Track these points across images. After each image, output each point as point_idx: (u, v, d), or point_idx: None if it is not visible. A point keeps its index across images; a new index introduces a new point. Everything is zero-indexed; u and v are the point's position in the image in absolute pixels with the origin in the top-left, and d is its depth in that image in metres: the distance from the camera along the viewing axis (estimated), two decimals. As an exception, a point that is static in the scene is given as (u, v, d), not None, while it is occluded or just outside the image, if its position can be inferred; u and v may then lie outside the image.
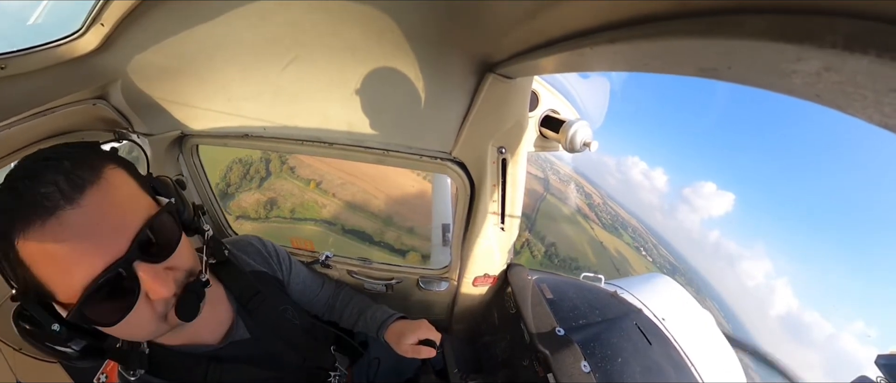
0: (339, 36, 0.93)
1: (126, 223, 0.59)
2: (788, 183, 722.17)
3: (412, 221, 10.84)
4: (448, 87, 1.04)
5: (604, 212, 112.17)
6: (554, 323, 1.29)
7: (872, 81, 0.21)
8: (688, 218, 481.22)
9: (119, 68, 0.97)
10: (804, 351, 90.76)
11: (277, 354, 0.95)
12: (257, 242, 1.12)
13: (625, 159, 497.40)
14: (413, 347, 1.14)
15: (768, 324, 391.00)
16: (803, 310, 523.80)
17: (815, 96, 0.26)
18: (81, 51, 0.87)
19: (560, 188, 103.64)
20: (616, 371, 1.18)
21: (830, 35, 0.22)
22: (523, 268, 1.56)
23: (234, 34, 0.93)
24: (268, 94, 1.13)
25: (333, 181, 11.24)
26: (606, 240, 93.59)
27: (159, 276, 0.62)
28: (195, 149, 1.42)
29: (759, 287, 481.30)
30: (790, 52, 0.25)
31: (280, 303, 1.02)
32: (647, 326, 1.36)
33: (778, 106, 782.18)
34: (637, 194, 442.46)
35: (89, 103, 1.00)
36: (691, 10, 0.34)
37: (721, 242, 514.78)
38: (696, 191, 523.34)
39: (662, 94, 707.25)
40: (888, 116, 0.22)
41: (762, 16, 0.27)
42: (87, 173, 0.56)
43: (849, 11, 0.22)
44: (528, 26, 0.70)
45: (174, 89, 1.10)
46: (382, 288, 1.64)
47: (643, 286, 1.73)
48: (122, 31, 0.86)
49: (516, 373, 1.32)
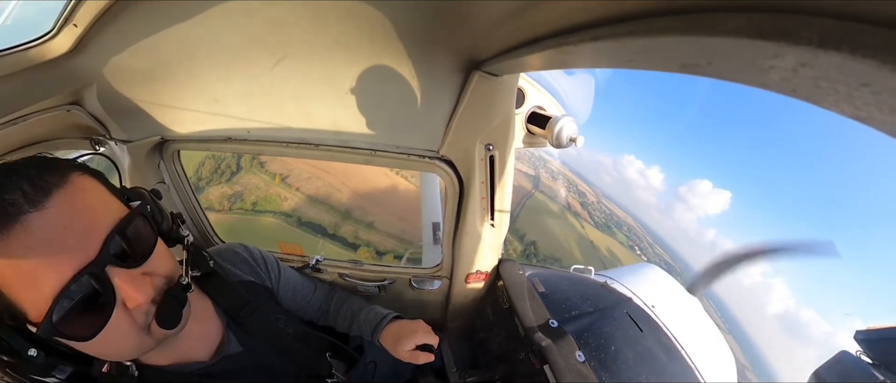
0: (325, 35, 0.91)
1: (96, 226, 0.56)
2: (785, 179, 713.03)
3: (373, 216, 10.82)
4: (435, 86, 1.03)
5: (597, 210, 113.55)
6: (547, 316, 1.32)
7: (844, 76, 0.23)
8: (684, 216, 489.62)
9: (94, 71, 0.93)
10: (802, 349, 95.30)
11: (272, 365, 0.93)
12: (243, 250, 1.10)
13: (621, 158, 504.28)
14: (411, 353, 1.12)
15: (765, 322, 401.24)
16: (800, 308, 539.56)
17: (791, 91, 0.27)
18: (53, 53, 0.82)
19: (551, 186, 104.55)
20: (610, 358, 1.21)
21: (806, 32, 0.23)
22: (515, 263, 1.58)
23: (215, 34, 0.90)
24: (251, 95, 1.10)
25: (300, 175, 11.21)
26: (598, 238, 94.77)
27: (135, 281, 0.58)
28: (176, 155, 1.37)
29: (756, 285, 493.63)
30: (768, 48, 0.26)
31: (271, 313, 1.00)
32: (638, 314, 1.39)
33: (773, 103, 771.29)
34: (633, 193, 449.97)
35: (63, 109, 0.96)
36: (674, 9, 0.35)
37: (717, 241, 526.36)
38: (692, 190, 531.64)
39: (653, 90, 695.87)
40: (859, 109, 0.23)
41: (742, 14, 0.28)
42: (54, 177, 0.54)
43: (823, 11, 0.23)
44: (514, 24, 0.70)
45: (153, 93, 1.06)
46: (375, 290, 1.64)
47: (632, 275, 1.77)
48: (97, 32, 0.82)
49: (513, 367, 1.34)
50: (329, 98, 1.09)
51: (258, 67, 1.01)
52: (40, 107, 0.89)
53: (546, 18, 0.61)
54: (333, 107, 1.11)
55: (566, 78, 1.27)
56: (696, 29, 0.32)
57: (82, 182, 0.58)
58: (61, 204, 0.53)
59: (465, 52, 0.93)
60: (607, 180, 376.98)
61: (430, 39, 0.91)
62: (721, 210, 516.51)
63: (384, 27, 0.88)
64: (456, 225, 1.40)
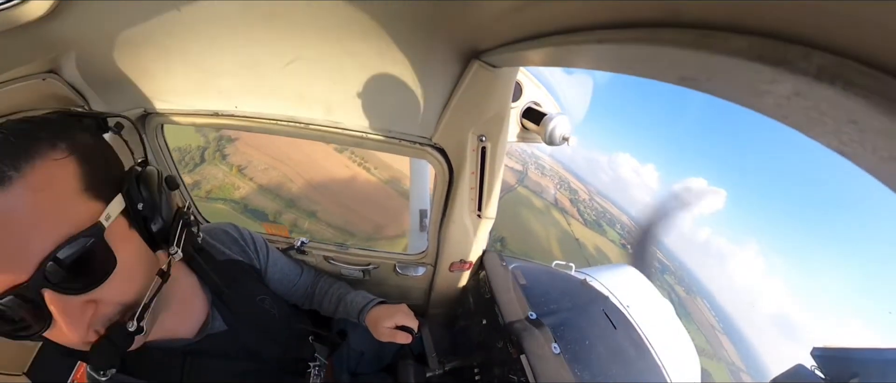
0: (323, 12, 0.88)
1: (35, 241, 0.46)
2: (780, 178, 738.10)
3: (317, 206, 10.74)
4: (432, 72, 1.02)
5: (589, 208, 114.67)
6: (527, 308, 1.35)
7: (834, 110, 0.23)
8: (679, 215, 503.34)
9: (73, 38, 0.87)
10: (795, 349, 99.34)
11: (256, 346, 0.93)
12: (233, 230, 1.08)
13: (615, 156, 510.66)
14: (390, 331, 1.14)
15: (759, 322, 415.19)
16: (794, 308, 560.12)
17: (783, 117, 0.28)
18: (28, 17, 0.75)
19: (538, 181, 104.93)
20: (584, 352, 1.26)
21: (804, 63, 0.24)
22: (498, 255, 1.61)
23: (206, 3, 0.86)
24: (241, 69, 1.06)
25: (258, 166, 10.98)
26: (586, 236, 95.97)
27: (70, 314, 0.50)
28: (160, 129, 1.31)
29: (751, 285, 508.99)
30: (766, 73, 0.27)
31: (257, 293, 1.00)
32: (613, 312, 1.45)
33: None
34: (628, 191, 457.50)
35: (39, 78, 0.89)
36: (682, 21, 0.35)
37: (712, 239, 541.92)
38: (687, 188, 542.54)
39: (648, 87, 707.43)
40: (845, 144, 0.24)
41: (745, 36, 0.28)
42: (7, 166, 0.45)
43: (825, 45, 0.24)
44: (519, 17, 0.69)
45: (137, 62, 1.00)
46: (359, 274, 1.64)
47: (611, 275, 1.83)
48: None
49: (491, 355, 1.38)
50: (322, 77, 1.06)
51: (251, 41, 0.97)
52: (13, 75, 0.82)
53: (552, 15, 0.60)
54: (327, 87, 1.08)
55: (565, 76, 1.27)
56: (702, 44, 0.32)
57: (45, 173, 0.48)
58: (4, 204, 0.44)
59: (466, 40, 0.92)
60: (604, 178, 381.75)
61: (432, 25, 0.89)
62: (716, 209, 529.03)
63: (386, 9, 0.85)
64: (443, 213, 1.41)
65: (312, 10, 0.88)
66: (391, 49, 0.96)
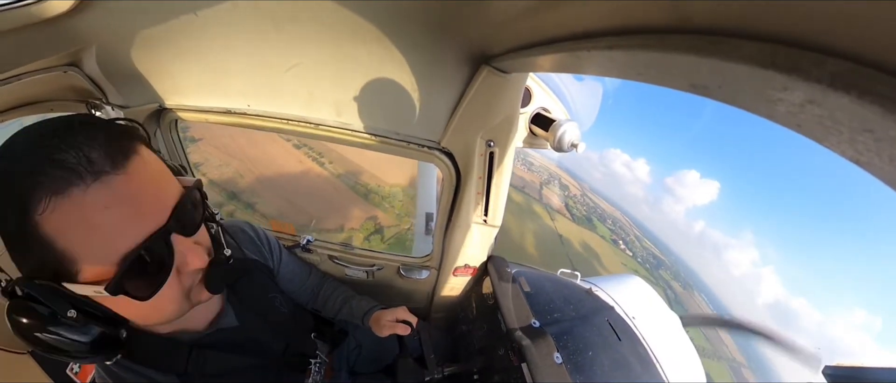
0: (335, 14, 0.90)
1: (166, 194, 0.60)
2: (774, 168, 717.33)
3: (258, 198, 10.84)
4: (442, 76, 1.02)
5: (580, 204, 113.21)
6: (530, 316, 1.34)
7: (849, 119, 0.23)
8: (672, 208, 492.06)
9: (94, 33, 0.90)
10: (794, 338, 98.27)
11: (262, 341, 0.95)
12: (249, 229, 1.11)
13: (606, 152, 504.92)
14: (391, 324, 1.22)
15: (756, 312, 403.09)
16: (791, 298, 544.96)
17: (796, 125, 0.28)
18: (52, 12, 0.79)
19: (523, 176, 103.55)
20: (586, 363, 1.23)
21: (817, 70, 0.23)
22: (503, 261, 1.59)
23: (223, 4, 0.88)
24: (255, 69, 1.08)
25: (214, 163, 11.23)
26: (573, 232, 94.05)
27: (194, 248, 0.64)
28: (174, 125, 1.35)
29: (747, 276, 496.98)
30: (778, 80, 0.26)
31: (269, 290, 1.02)
32: (618, 323, 1.42)
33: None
34: (621, 187, 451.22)
35: (60, 70, 0.93)
36: (693, 28, 0.35)
37: (706, 232, 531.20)
38: (679, 181, 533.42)
39: (640, 86, 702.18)
40: (860, 153, 0.23)
41: (757, 43, 0.28)
42: (128, 142, 0.56)
43: (838, 52, 0.23)
44: (530, 22, 0.69)
45: (154, 60, 1.04)
46: (363, 275, 1.65)
47: (617, 285, 1.80)
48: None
49: (491, 362, 1.36)
50: (333, 79, 1.07)
51: (264, 42, 0.99)
52: (36, 66, 0.86)
53: (563, 21, 0.60)
54: (337, 88, 1.10)
55: (574, 83, 1.26)
56: (713, 51, 0.32)
57: (148, 153, 0.60)
58: (138, 169, 0.55)
59: (476, 45, 0.92)
60: (597, 176, 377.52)
61: (442, 29, 0.89)
62: (709, 201, 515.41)
63: (397, 12, 0.86)
64: (449, 217, 1.41)
65: (323, 13, 0.90)
66: (402, 53, 0.97)
